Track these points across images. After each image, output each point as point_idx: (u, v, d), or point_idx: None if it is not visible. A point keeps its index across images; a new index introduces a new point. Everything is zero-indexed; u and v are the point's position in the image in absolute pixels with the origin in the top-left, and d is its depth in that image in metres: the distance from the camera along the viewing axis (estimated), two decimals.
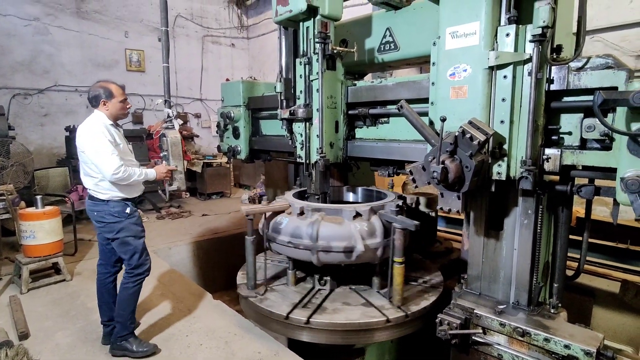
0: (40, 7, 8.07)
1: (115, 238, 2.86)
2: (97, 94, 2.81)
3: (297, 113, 3.11)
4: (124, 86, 2.96)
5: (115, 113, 2.87)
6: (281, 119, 3.28)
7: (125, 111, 2.95)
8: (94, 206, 2.85)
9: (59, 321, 3.38)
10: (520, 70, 2.09)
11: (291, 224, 2.97)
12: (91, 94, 2.84)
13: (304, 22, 3.04)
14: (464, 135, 2.01)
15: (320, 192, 3.25)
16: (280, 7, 3.01)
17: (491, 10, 2.08)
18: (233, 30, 11.38)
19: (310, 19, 2.97)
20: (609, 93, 1.79)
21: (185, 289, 3.99)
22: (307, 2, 2.81)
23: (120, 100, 2.86)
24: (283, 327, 2.89)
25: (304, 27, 3.05)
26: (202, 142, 10.42)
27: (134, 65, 9.50)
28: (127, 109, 2.97)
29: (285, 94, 3.29)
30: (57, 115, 8.44)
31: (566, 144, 2.17)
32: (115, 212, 2.83)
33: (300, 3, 2.83)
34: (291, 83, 3.29)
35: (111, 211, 2.82)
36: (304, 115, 3.09)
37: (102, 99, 2.81)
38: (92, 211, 2.87)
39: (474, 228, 2.62)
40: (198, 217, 7.01)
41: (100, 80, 2.91)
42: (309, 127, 3.15)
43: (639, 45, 5.09)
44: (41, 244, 4.01)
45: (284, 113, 3.22)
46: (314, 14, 2.91)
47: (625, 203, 1.84)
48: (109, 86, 2.84)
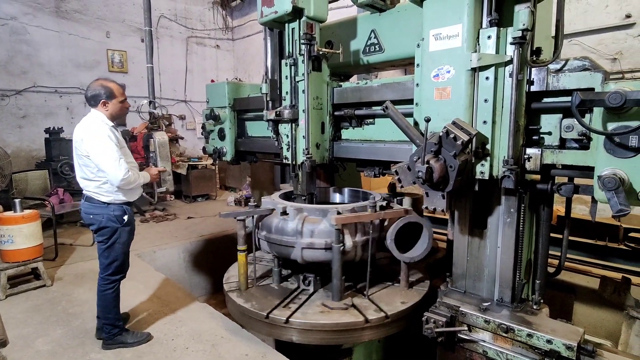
0: (18, 6, 7.87)
1: (105, 241, 2.82)
2: (97, 93, 2.73)
3: (283, 114, 3.11)
4: (124, 85, 2.92)
5: (115, 113, 2.82)
6: (267, 120, 3.28)
7: (125, 112, 2.90)
8: (92, 208, 2.79)
9: (39, 328, 3.29)
10: (501, 72, 2.13)
11: (277, 223, 2.99)
12: (90, 92, 2.75)
13: (289, 23, 3.04)
14: (448, 135, 2.04)
15: (306, 192, 3.25)
16: (266, 8, 3.01)
17: (473, 13, 2.12)
18: (218, 31, 11.31)
19: (296, 20, 2.97)
20: (586, 94, 1.85)
21: (170, 293, 3.94)
22: (293, 4, 2.81)
23: (121, 101, 2.82)
24: (265, 327, 2.88)
25: (290, 28, 3.05)
26: (187, 144, 10.31)
27: (116, 66, 9.35)
28: (127, 110, 2.93)
29: (271, 95, 3.28)
30: (36, 116, 8.24)
31: (546, 144, 2.23)
32: (114, 217, 2.79)
33: (285, 4, 2.83)
34: (277, 84, 3.29)
35: (110, 215, 2.78)
36: (290, 116, 3.09)
37: (102, 99, 2.74)
38: (88, 214, 2.81)
39: (459, 227, 2.66)
40: (183, 219, 6.92)
41: (100, 78, 2.83)
42: (295, 128, 3.15)
43: (615, 48, 5.27)
44: (20, 248, 3.90)
45: (270, 114, 3.21)
46: (299, 15, 2.91)
47: (602, 200, 1.89)
48: (110, 85, 2.77)
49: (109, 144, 2.66)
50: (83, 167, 2.78)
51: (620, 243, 4.12)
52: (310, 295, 3.11)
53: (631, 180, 1.81)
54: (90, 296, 3.77)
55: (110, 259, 2.85)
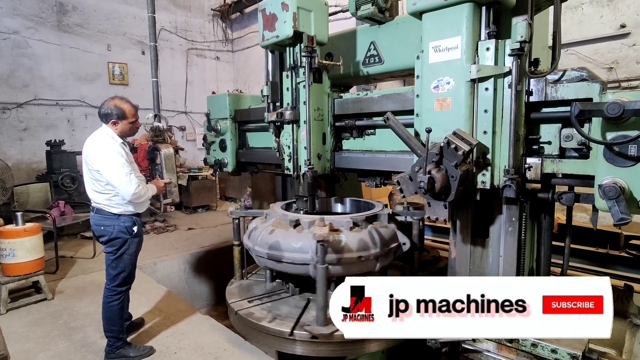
0: (21, 20, 7.96)
1: (115, 252, 2.85)
2: (109, 112, 2.82)
3: (284, 115, 3.12)
4: (138, 106, 2.99)
5: (124, 132, 2.91)
6: (269, 122, 3.28)
7: (134, 131, 2.99)
8: (103, 220, 2.84)
9: (41, 342, 3.26)
10: (500, 83, 2.16)
11: (285, 239, 2.90)
12: (103, 110, 2.84)
13: (290, 47, 3.10)
14: (449, 145, 2.06)
15: (310, 210, 3.25)
16: (267, 32, 3.06)
17: (471, 26, 2.16)
18: (218, 43, 11.42)
19: (297, 45, 3.03)
20: (585, 104, 1.88)
21: (172, 305, 3.92)
22: (294, 29, 2.86)
23: (131, 122, 2.90)
24: (271, 340, 2.86)
25: (290, 50, 3.11)
26: (187, 155, 10.34)
27: (117, 78, 9.41)
28: (137, 129, 3.00)
29: (272, 97, 3.31)
30: (37, 129, 8.27)
31: (546, 153, 2.25)
32: (124, 228, 2.84)
33: (287, 29, 2.89)
34: (277, 87, 3.31)
35: (121, 226, 2.83)
36: (291, 117, 3.10)
37: (112, 119, 2.83)
38: (99, 225, 2.86)
39: (461, 236, 2.66)
40: (184, 231, 6.91)
41: (116, 97, 2.90)
42: (297, 131, 3.15)
43: (611, 57, 5.33)
44: (21, 262, 3.89)
45: (271, 116, 3.23)
46: (300, 39, 2.96)
47: (603, 209, 1.91)
48: (123, 107, 2.85)
49: (119, 160, 2.72)
50: (93, 181, 2.83)
51: (621, 250, 4.13)
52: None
53: (631, 189, 1.83)
54: (92, 309, 3.76)
55: (118, 270, 2.87)
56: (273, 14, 2.98)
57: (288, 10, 2.86)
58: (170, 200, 3.31)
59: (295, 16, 2.85)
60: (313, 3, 2.97)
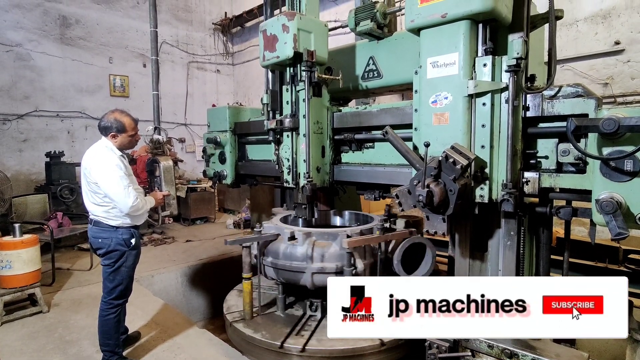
0: (24, 33, 8.06)
1: (112, 264, 2.84)
2: (109, 125, 2.85)
3: (284, 123, 3.15)
4: (137, 120, 3.03)
5: (124, 145, 2.94)
6: (268, 129, 3.32)
7: (134, 144, 3.01)
8: (101, 232, 2.84)
9: (36, 356, 3.22)
10: (497, 98, 2.19)
11: (284, 248, 2.97)
12: (103, 123, 2.87)
13: (290, 67, 3.15)
14: (447, 159, 2.08)
15: (308, 218, 3.26)
16: (268, 52, 3.11)
17: (469, 42, 2.20)
18: (218, 56, 11.56)
19: (297, 65, 3.08)
20: (581, 120, 1.90)
21: (169, 318, 3.88)
22: (294, 50, 2.90)
23: (130, 135, 2.92)
24: (276, 356, 2.83)
25: (291, 70, 3.15)
26: (186, 167, 10.36)
27: (118, 90, 9.49)
28: (136, 142, 3.02)
29: (272, 105, 3.34)
30: (37, 140, 8.30)
31: (544, 168, 2.27)
32: (122, 240, 2.83)
33: (287, 50, 2.93)
34: (277, 95, 3.35)
35: (119, 238, 2.83)
36: (290, 125, 3.12)
37: (112, 132, 2.85)
38: (97, 237, 2.85)
39: (459, 250, 2.66)
40: (182, 243, 6.88)
41: (116, 111, 2.94)
42: (296, 143, 3.17)
43: (606, 73, 5.41)
44: (18, 274, 3.86)
45: (271, 124, 3.26)
46: (300, 59, 3.00)
47: (601, 224, 1.92)
48: (123, 120, 2.87)
49: (118, 173, 2.73)
50: (91, 193, 2.83)
51: (620, 265, 4.12)
52: (320, 321, 3.07)
53: (628, 204, 1.84)
54: (88, 323, 3.72)
55: (116, 283, 2.85)
56: (274, 35, 3.03)
57: (289, 32, 2.91)
58: (168, 212, 3.30)
59: (296, 37, 2.90)
60: (313, 24, 3.03)
